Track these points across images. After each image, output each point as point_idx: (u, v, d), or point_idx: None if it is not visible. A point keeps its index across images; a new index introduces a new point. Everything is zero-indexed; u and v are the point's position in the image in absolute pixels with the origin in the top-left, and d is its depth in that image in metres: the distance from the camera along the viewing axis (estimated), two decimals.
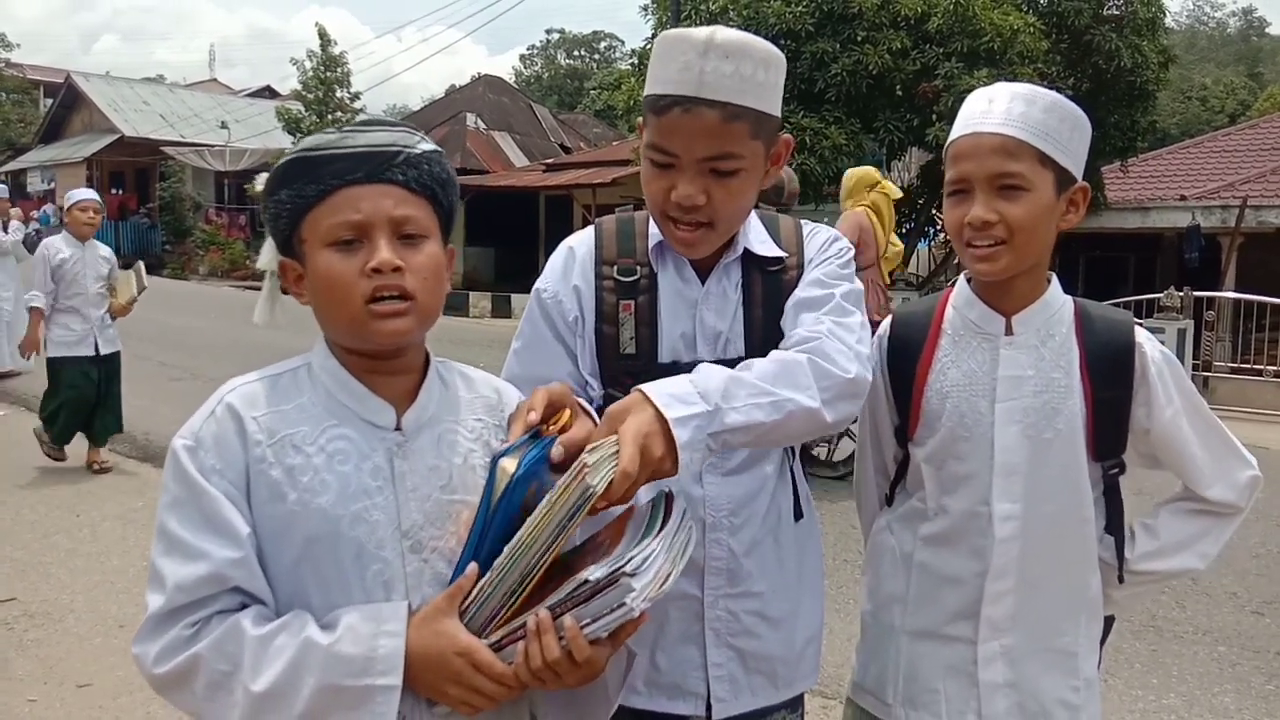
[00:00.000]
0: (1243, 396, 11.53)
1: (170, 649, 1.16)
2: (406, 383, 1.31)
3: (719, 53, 1.43)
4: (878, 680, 1.74)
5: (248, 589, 1.19)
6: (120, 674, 3.61)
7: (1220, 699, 3.85)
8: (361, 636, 1.16)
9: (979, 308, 1.66)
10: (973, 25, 12.08)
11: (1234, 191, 15.65)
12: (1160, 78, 14.20)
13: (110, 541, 5.24)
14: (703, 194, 1.48)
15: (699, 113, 1.43)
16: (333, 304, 1.23)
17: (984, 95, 1.61)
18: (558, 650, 1.14)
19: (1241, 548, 5.73)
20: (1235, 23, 60.40)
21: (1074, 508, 1.63)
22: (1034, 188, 1.53)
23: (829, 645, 4.32)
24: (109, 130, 30.83)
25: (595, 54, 60.00)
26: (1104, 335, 1.64)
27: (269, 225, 1.29)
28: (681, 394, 1.30)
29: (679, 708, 1.59)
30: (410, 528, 1.24)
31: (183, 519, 1.18)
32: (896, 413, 1.74)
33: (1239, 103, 39.29)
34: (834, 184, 12.86)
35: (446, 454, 1.29)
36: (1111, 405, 1.62)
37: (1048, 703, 1.62)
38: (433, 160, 1.28)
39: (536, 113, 30.71)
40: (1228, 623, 4.63)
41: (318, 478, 1.21)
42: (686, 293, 1.60)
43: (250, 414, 1.22)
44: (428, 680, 1.18)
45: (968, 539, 1.64)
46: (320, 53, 26.81)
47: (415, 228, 1.24)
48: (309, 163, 1.23)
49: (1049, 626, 1.63)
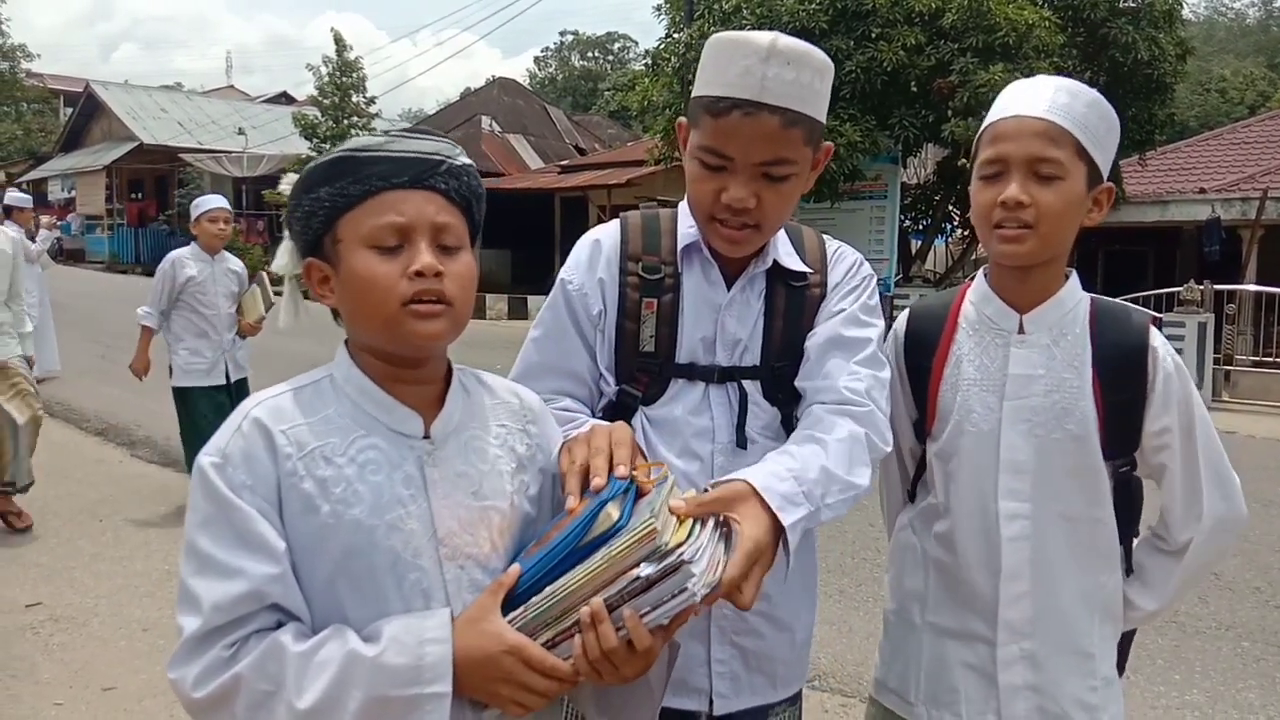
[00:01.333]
0: (1265, 390, 11.44)
1: (210, 671, 1.13)
2: (431, 391, 1.30)
3: (781, 59, 1.44)
4: (901, 678, 1.74)
5: (285, 605, 1.17)
6: (145, 677, 3.65)
7: (1244, 694, 3.83)
8: (407, 646, 1.14)
9: (995, 303, 1.66)
10: (987, 20, 12.00)
11: (1254, 183, 15.49)
12: (1178, 70, 14.07)
13: (133, 546, 5.29)
14: (754, 197, 1.49)
15: (760, 118, 1.44)
16: (370, 304, 1.21)
17: (1028, 83, 1.61)
18: (615, 639, 1.14)
19: (1264, 542, 5.69)
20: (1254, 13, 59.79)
21: (1087, 509, 1.61)
22: (1069, 177, 1.54)
23: (849, 643, 4.34)
24: (128, 138, 31.09)
25: (609, 55, 60.05)
26: (1117, 336, 1.62)
27: (298, 224, 1.27)
28: (790, 493, 1.34)
29: (684, 703, 1.61)
30: (445, 535, 1.24)
31: (215, 537, 1.16)
32: (915, 407, 1.74)
33: (1258, 94, 38.87)
34: (850, 182, 12.87)
35: (475, 460, 1.29)
36: (1123, 408, 1.60)
37: (1066, 704, 1.61)
38: (470, 173, 1.29)
39: (551, 115, 30.78)
40: (1251, 617, 4.59)
41: (350, 489, 1.20)
42: (711, 297, 1.61)
43: (278, 427, 1.21)
44: (477, 682, 1.16)
45: (976, 538, 1.64)
46: (336, 58, 26.92)
47: (453, 238, 1.25)
48: (355, 162, 1.22)
49: (1066, 628, 1.62)
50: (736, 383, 1.60)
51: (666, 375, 1.60)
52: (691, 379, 1.60)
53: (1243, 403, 11.28)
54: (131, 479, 6.70)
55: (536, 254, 23.12)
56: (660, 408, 1.60)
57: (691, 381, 1.60)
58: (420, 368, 1.28)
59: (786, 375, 1.61)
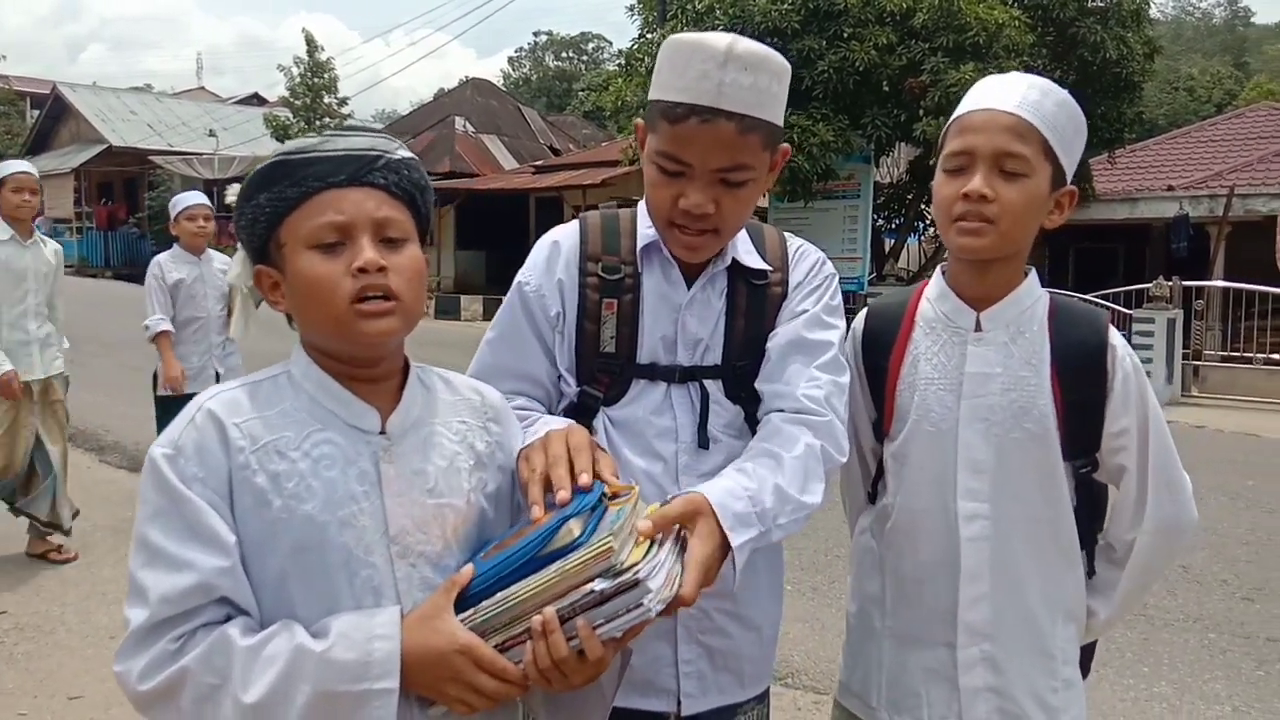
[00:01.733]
0: (1233, 384, 11.59)
1: (155, 664, 1.12)
2: (388, 387, 1.30)
3: (738, 64, 1.42)
4: (863, 683, 1.73)
5: (234, 599, 1.16)
6: (111, 685, 3.58)
7: (1211, 685, 3.87)
8: (355, 642, 1.14)
9: (952, 300, 1.64)
10: (958, 20, 12.10)
11: (1221, 181, 15.70)
12: (1146, 69, 14.24)
13: (101, 552, 5.22)
14: (712, 203, 1.48)
15: (717, 124, 1.42)
16: (316, 306, 1.21)
17: (1000, 78, 1.60)
18: (566, 649, 1.14)
19: (1231, 535, 5.76)
20: (1220, 13, 60.62)
21: (1046, 508, 1.60)
22: (1033, 175, 1.52)
23: (822, 640, 4.34)
24: (96, 140, 30.76)
25: (583, 55, 60.05)
26: (1076, 334, 1.60)
27: (244, 231, 1.27)
28: (743, 514, 1.36)
29: (651, 704, 1.60)
30: (398, 533, 1.23)
31: (165, 529, 1.15)
32: (873, 406, 1.72)
33: (1225, 92, 39.40)
34: (823, 181, 12.92)
35: (432, 457, 1.29)
36: (1082, 407, 1.59)
37: (1027, 705, 1.59)
38: (411, 166, 1.29)
39: (525, 115, 30.72)
40: (1218, 609, 4.65)
41: (303, 484, 1.19)
42: (671, 296, 1.60)
43: (232, 420, 1.20)
44: (426, 680, 1.16)
45: (936, 539, 1.62)
46: (307, 59, 26.78)
47: (397, 231, 1.24)
48: (289, 165, 1.22)
49: (1027, 629, 1.60)
50: (698, 382, 1.59)
51: (628, 376, 1.59)
52: (653, 379, 1.59)
53: (1211, 397, 11.42)
54: (100, 485, 6.62)
55: (512, 255, 22.82)
56: (622, 408, 1.59)
57: (653, 382, 1.59)
58: (374, 366, 1.28)
59: (748, 374, 1.60)
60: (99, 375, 10.51)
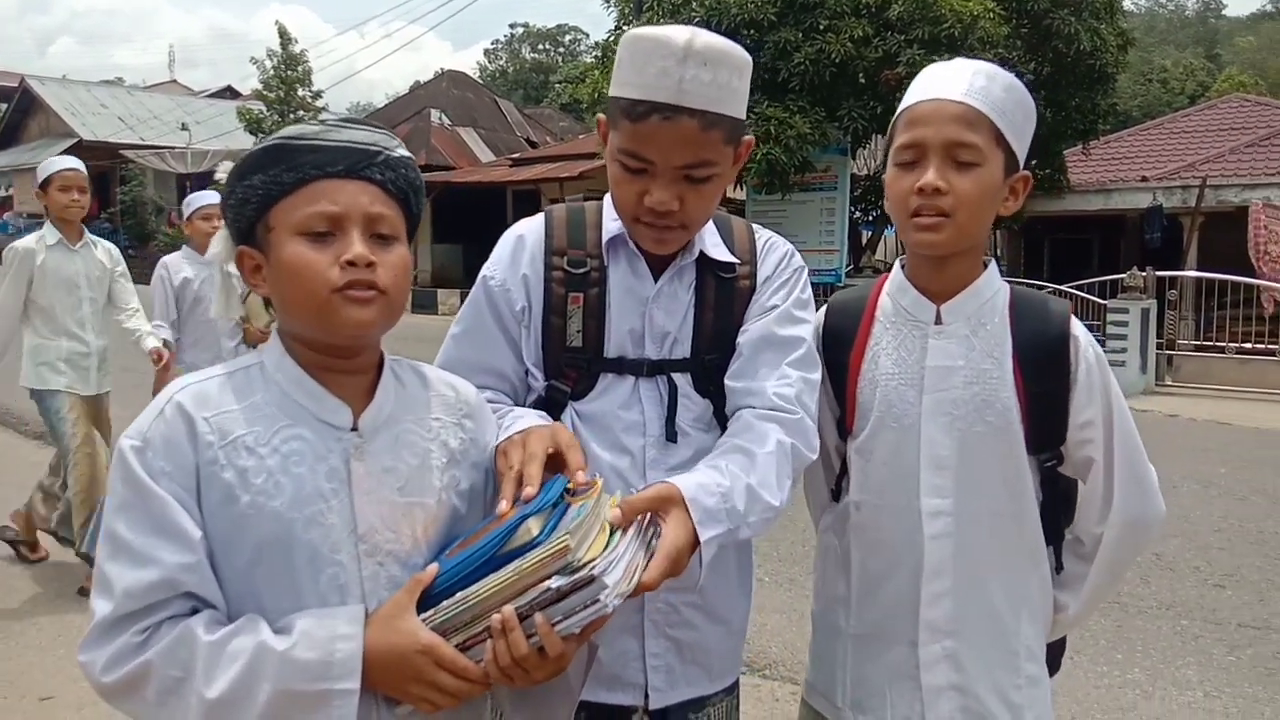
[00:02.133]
0: (1206, 373, 11.71)
1: (119, 656, 1.13)
2: (362, 382, 1.29)
3: (698, 60, 1.40)
4: (828, 682, 1.71)
5: (199, 594, 1.16)
6: (84, 685, 3.52)
7: (1183, 671, 3.91)
8: (318, 641, 1.14)
9: (911, 294, 1.62)
10: (933, 11, 12.15)
11: (1194, 172, 15.85)
12: (1120, 60, 14.36)
13: None
14: (676, 200, 1.47)
15: (679, 122, 1.41)
16: (300, 291, 1.20)
17: (945, 66, 1.57)
18: (526, 647, 1.14)
19: (1204, 522, 5.83)
20: (1193, 5, 61.14)
21: (1011, 503, 1.57)
22: (986, 163, 1.50)
23: (800, 631, 4.35)
24: (66, 134, 30.37)
25: (560, 48, 59.86)
26: (1037, 325, 1.57)
27: (232, 211, 1.26)
28: (714, 509, 1.36)
29: (618, 698, 1.59)
30: (366, 531, 1.22)
31: (131, 523, 1.15)
32: (836, 404, 1.69)
33: (1198, 84, 39.75)
34: (800, 173, 12.95)
35: (405, 454, 1.28)
36: (1046, 399, 1.56)
37: (990, 703, 1.57)
38: (409, 165, 1.28)
39: (502, 108, 30.58)
40: (1190, 596, 4.70)
41: (271, 480, 1.18)
42: (638, 289, 1.59)
43: (201, 414, 1.19)
44: (389, 679, 1.16)
45: (899, 537, 1.59)
46: (281, 52, 26.54)
47: (388, 228, 1.24)
48: (288, 150, 1.21)
49: (990, 626, 1.58)
50: (666, 376, 1.59)
51: (595, 370, 1.58)
52: (621, 373, 1.58)
53: (1184, 386, 11.54)
54: None
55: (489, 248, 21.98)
56: (590, 403, 1.58)
57: (621, 375, 1.58)
58: (352, 357, 1.27)
59: (717, 367, 1.60)
60: None
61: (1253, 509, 6.09)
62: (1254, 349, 11.82)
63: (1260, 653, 4.07)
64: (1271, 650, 4.10)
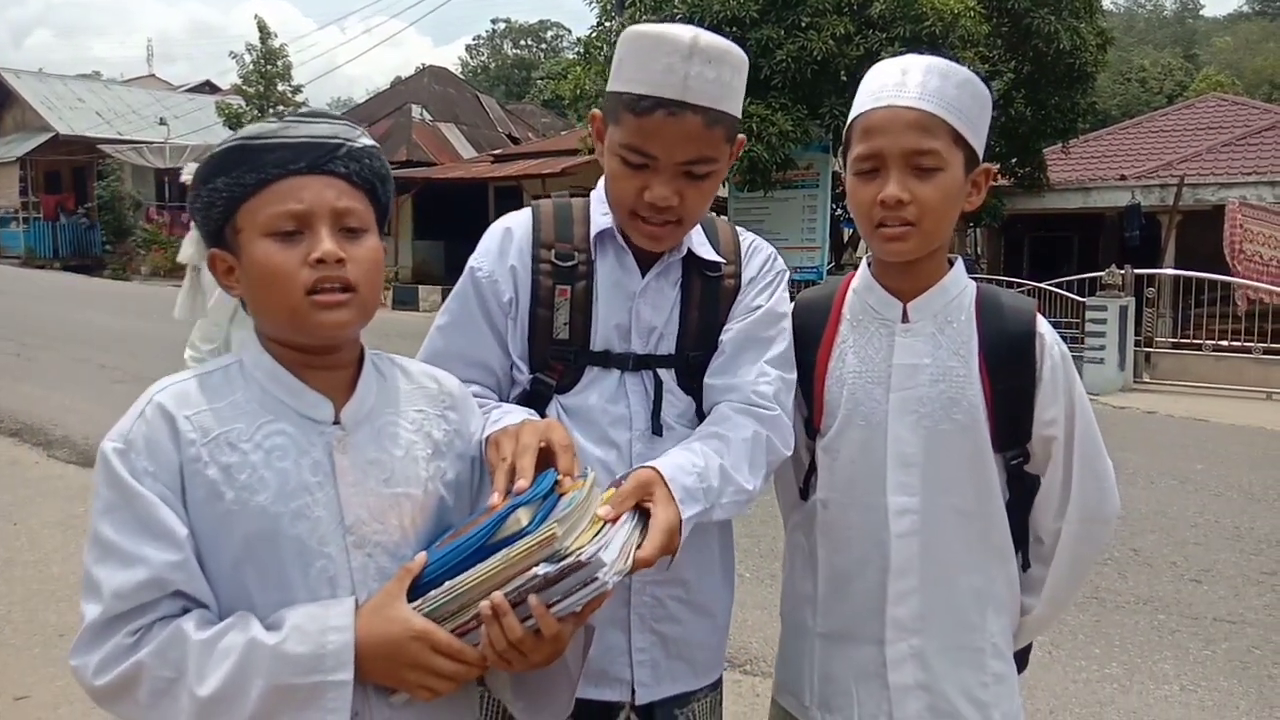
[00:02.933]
0: (1183, 370, 11.82)
1: (111, 659, 1.13)
2: (343, 376, 1.29)
3: (703, 57, 1.44)
4: (796, 682, 1.70)
5: (189, 592, 1.16)
6: (60, 685, 3.53)
7: (1160, 666, 3.95)
8: (309, 634, 1.14)
9: (877, 292, 1.61)
10: (915, 10, 12.18)
11: (1172, 170, 15.98)
12: (1099, 59, 14.45)
13: (50, 549, 5.11)
14: (676, 195, 1.49)
15: (684, 118, 1.44)
16: (271, 295, 1.20)
17: (896, 66, 1.53)
18: (520, 630, 1.15)
19: (1181, 518, 5.88)
20: (1171, 5, 61.62)
21: (977, 501, 1.57)
22: (947, 167, 1.48)
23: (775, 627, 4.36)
24: (43, 129, 30.02)
25: (542, 44, 59.73)
26: (1003, 323, 1.57)
27: (199, 215, 1.26)
28: (692, 488, 1.40)
29: (605, 694, 1.59)
30: (353, 523, 1.23)
31: (117, 524, 1.15)
32: (804, 403, 1.67)
33: (1176, 84, 40.04)
34: (782, 170, 12.95)
35: (388, 446, 1.28)
36: (1012, 396, 1.56)
37: (957, 701, 1.56)
38: (373, 155, 1.27)
39: (483, 103, 30.48)
40: (1167, 592, 4.74)
41: (255, 475, 1.19)
42: (625, 284, 1.60)
43: (183, 413, 1.19)
44: (383, 668, 1.16)
45: (865, 535, 1.58)
46: (260, 46, 26.36)
47: (357, 220, 1.23)
48: (249, 151, 1.20)
49: (956, 624, 1.57)
50: (652, 370, 1.59)
51: (581, 363, 1.59)
52: (606, 366, 1.59)
53: (1162, 383, 11.64)
54: (49, 480, 6.48)
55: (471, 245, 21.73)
56: (575, 396, 1.59)
57: (606, 369, 1.59)
58: (329, 355, 1.27)
59: (701, 364, 1.61)
60: (47, 369, 10.31)
61: (1229, 505, 6.14)
62: (1230, 346, 11.92)
63: (1235, 647, 4.11)
64: (1247, 644, 4.15)
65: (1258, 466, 7.09)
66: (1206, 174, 15.72)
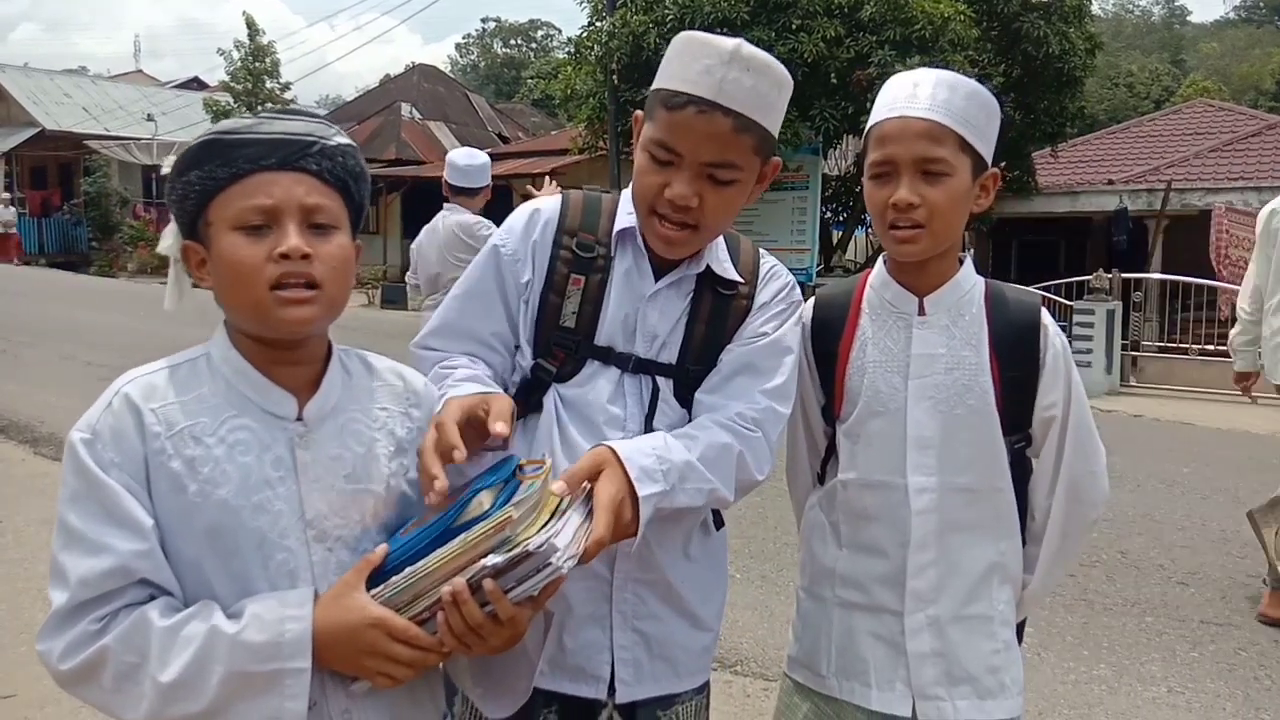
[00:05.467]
0: (1170, 374, 11.87)
1: (76, 644, 1.16)
2: (309, 372, 1.31)
3: (742, 64, 1.47)
4: (811, 653, 1.77)
5: (155, 580, 1.19)
6: (47, 683, 3.47)
7: (1148, 668, 3.97)
8: (267, 623, 1.16)
9: (894, 288, 1.72)
10: (905, 13, 12.21)
11: (1159, 175, 16.07)
12: (1087, 64, 14.52)
13: (35, 547, 5.07)
14: (696, 196, 1.50)
15: (713, 117, 1.47)
16: (237, 288, 1.22)
17: (908, 80, 1.65)
18: (480, 615, 1.17)
19: (1168, 521, 5.91)
20: (1159, 10, 61.99)
21: (988, 479, 1.69)
22: (955, 173, 1.59)
23: (770, 627, 4.38)
24: (28, 124, 29.79)
25: (532, 43, 59.67)
26: (1011, 315, 1.70)
27: (174, 207, 1.28)
28: (650, 468, 1.42)
29: (582, 690, 1.60)
30: (314, 517, 1.25)
31: (83, 513, 1.17)
32: (822, 392, 1.79)
33: (1164, 89, 40.29)
34: None
35: (350, 443, 1.30)
36: (1018, 383, 1.68)
37: (973, 667, 1.67)
38: (347, 153, 1.29)
39: (473, 102, 30.43)
40: (1155, 594, 4.77)
41: (218, 469, 1.21)
42: (638, 285, 1.61)
43: (149, 405, 1.22)
44: (342, 655, 1.19)
45: (886, 511, 1.69)
46: (249, 43, 26.25)
47: (326, 217, 1.25)
48: (222, 145, 1.22)
49: (969, 594, 1.69)
50: (651, 376, 1.60)
51: (582, 355, 1.60)
52: (607, 363, 1.60)
53: (1149, 387, 11.69)
54: (34, 478, 6.42)
55: None
56: (573, 388, 1.60)
57: (606, 365, 1.60)
58: (295, 350, 1.29)
59: (698, 379, 1.63)
60: (33, 365, 10.24)
61: (1215, 508, 6.17)
62: (1216, 351, 11.95)
63: (1222, 649, 4.13)
64: (1233, 646, 4.17)
65: (1244, 470, 7.12)
66: (1194, 179, 15.81)
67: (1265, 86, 39.64)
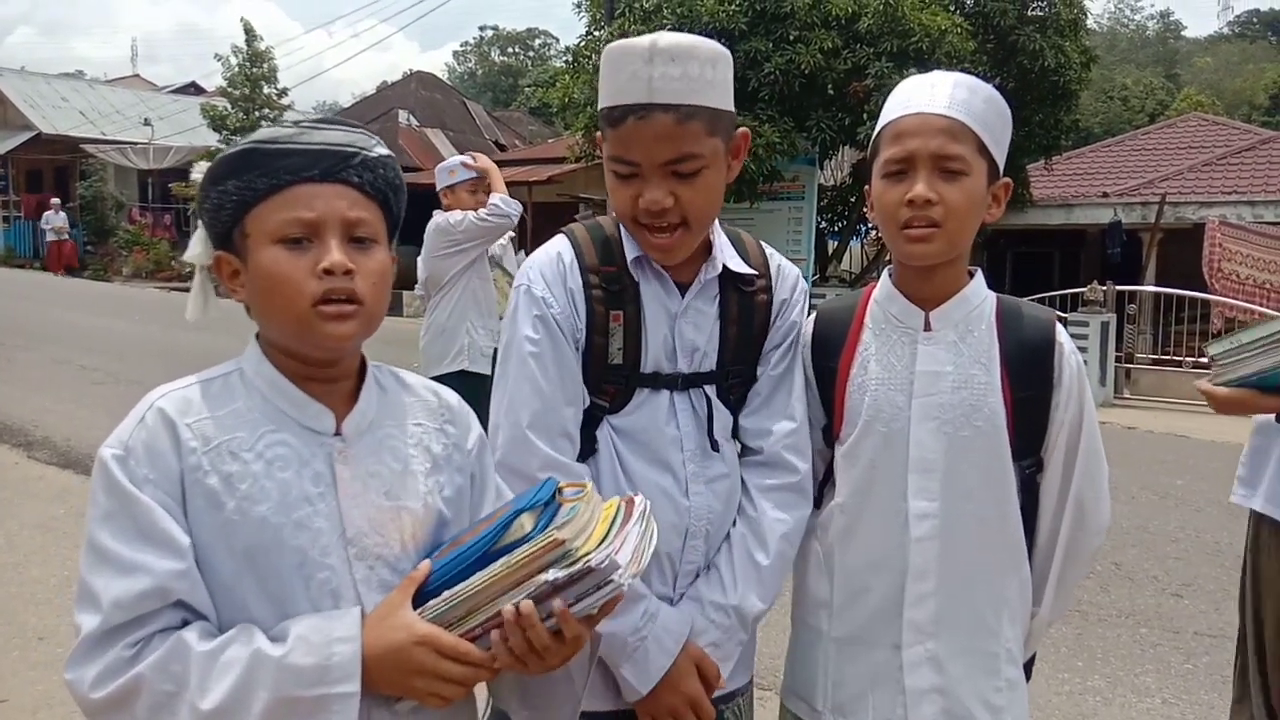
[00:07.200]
0: (1163, 387, 11.90)
1: (110, 672, 1.09)
2: (344, 388, 1.28)
3: (664, 57, 1.46)
4: (808, 686, 1.72)
5: (190, 603, 1.14)
6: (41, 688, 3.49)
7: (1141, 679, 3.97)
8: (314, 646, 1.12)
9: (900, 301, 1.64)
10: (902, 25, 12.25)
11: (1153, 188, 16.11)
12: (1082, 77, 14.55)
13: (29, 551, 5.06)
14: (669, 197, 1.50)
15: (653, 118, 1.46)
16: (277, 303, 1.19)
17: (925, 80, 1.60)
18: (546, 634, 1.14)
19: (1162, 532, 5.92)
20: (1154, 25, 62.21)
21: (995, 506, 1.59)
22: (972, 173, 1.54)
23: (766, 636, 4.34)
24: (25, 127, 29.74)
25: (530, 51, 59.69)
26: (1024, 332, 1.61)
27: (207, 217, 1.24)
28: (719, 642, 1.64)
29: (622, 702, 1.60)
30: (354, 535, 1.21)
31: (116, 532, 1.12)
32: (822, 410, 1.71)
33: (1158, 103, 40.40)
34: (768, 182, 12.99)
35: (387, 459, 1.27)
36: (1031, 404, 1.59)
37: (972, 705, 1.59)
38: (388, 165, 1.26)
39: (470, 110, 30.43)
40: (1149, 605, 4.78)
41: (256, 485, 1.17)
42: (668, 305, 1.61)
43: (184, 420, 1.17)
44: (391, 677, 1.15)
45: (884, 539, 1.61)
46: (246, 48, 26.21)
47: (367, 231, 1.22)
48: (262, 155, 1.19)
49: (973, 628, 1.60)
50: (700, 389, 1.62)
51: (632, 385, 1.60)
52: (656, 388, 1.60)
53: (1143, 399, 11.72)
54: (28, 482, 6.41)
55: None
56: (626, 417, 1.60)
57: (656, 390, 1.60)
58: (331, 366, 1.25)
59: (740, 378, 1.65)
60: (27, 369, 10.21)
61: (1208, 520, 6.19)
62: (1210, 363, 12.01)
63: (1216, 661, 4.14)
64: (1227, 658, 4.15)
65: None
66: (1187, 193, 15.86)
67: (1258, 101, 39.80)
